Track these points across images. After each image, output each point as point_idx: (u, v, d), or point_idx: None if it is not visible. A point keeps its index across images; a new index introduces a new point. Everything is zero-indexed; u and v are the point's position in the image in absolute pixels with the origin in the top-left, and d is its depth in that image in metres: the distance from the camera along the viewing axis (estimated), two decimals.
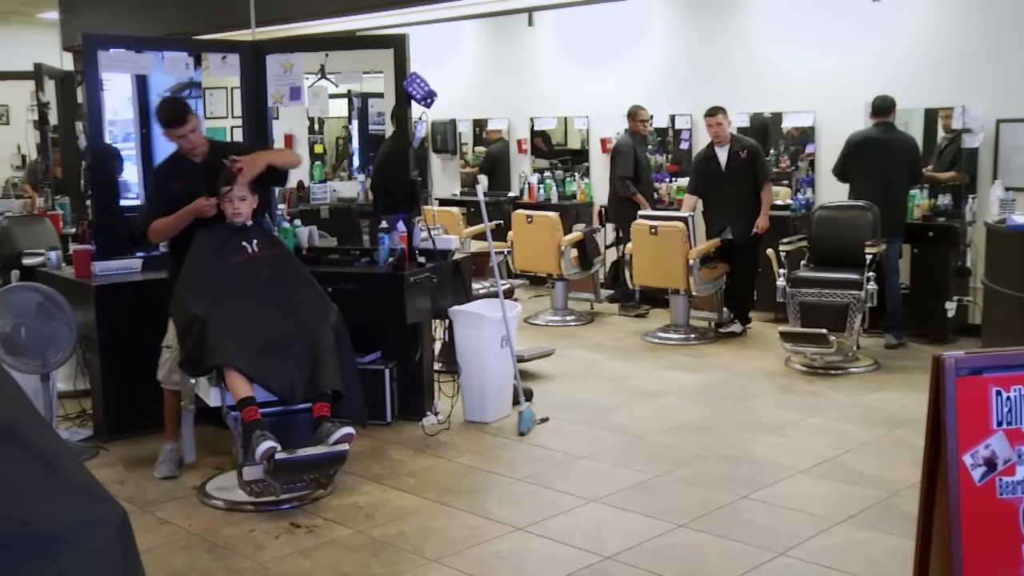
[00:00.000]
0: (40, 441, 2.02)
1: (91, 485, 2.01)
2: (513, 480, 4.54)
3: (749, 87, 8.15)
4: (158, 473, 4.61)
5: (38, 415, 2.15)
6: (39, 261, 5.55)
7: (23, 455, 1.95)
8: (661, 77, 8.88)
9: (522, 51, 10.04)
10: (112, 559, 1.90)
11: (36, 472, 1.94)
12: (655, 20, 8.98)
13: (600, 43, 9.30)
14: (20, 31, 12.45)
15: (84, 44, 5.15)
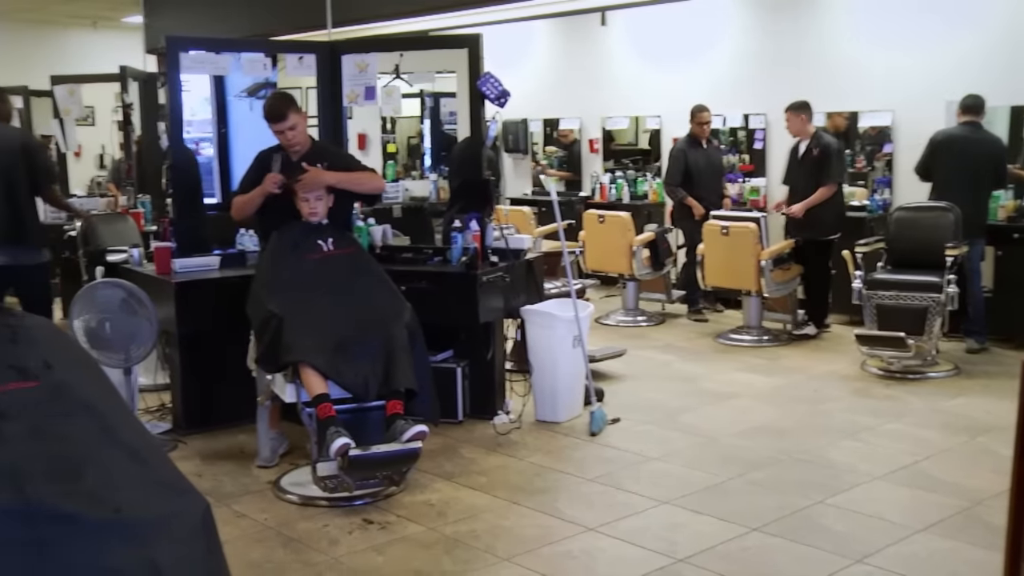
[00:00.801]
0: (129, 433, 2.08)
1: (176, 477, 2.06)
2: (584, 480, 4.53)
3: (825, 86, 8.00)
4: (257, 461, 4.72)
5: (127, 407, 2.22)
6: (122, 258, 5.68)
7: (114, 445, 2.01)
8: (735, 76, 8.78)
9: (594, 50, 10.01)
10: (196, 550, 1.95)
11: (126, 462, 2.00)
12: (729, 18, 8.89)
13: (673, 42, 9.23)
14: (106, 35, 12.78)
15: (167, 46, 5.26)
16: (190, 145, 5.97)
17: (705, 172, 8.11)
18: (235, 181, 6.65)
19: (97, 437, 2.01)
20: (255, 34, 8.29)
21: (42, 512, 1.83)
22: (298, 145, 4.66)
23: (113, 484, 1.94)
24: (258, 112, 6.77)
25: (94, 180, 11.40)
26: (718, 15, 8.91)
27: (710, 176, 8.15)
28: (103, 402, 2.10)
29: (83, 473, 1.93)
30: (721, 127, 8.85)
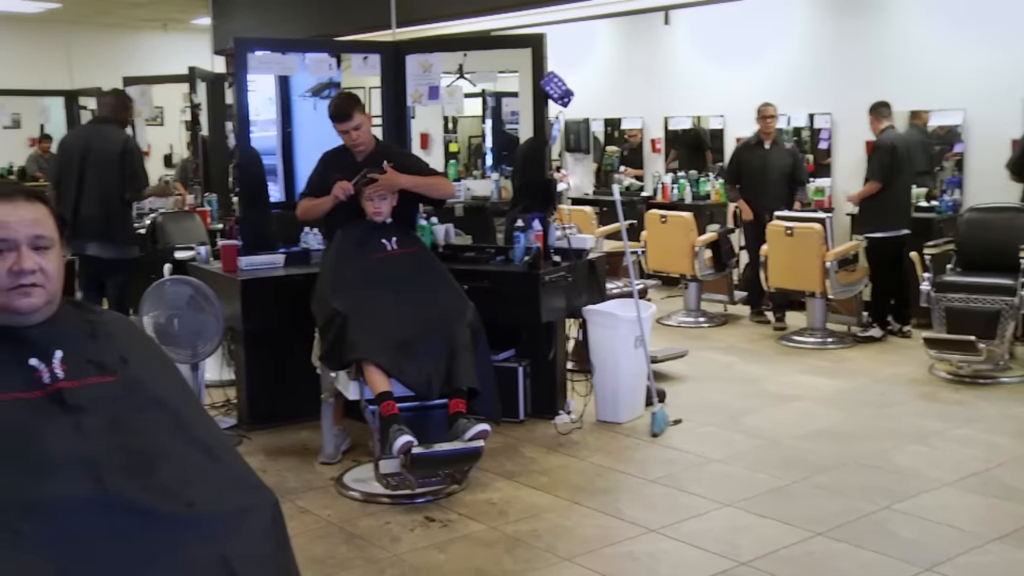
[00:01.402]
0: (201, 428, 2.11)
1: (246, 473, 2.09)
2: (645, 481, 4.51)
3: (892, 84, 7.86)
4: (320, 457, 4.77)
5: (199, 403, 2.26)
6: (190, 255, 5.78)
7: (187, 440, 2.04)
8: (799, 74, 8.67)
9: (657, 49, 9.96)
10: (266, 545, 1.97)
11: (198, 457, 2.03)
12: (794, 16, 8.79)
13: (738, 41, 9.14)
14: (176, 37, 13.04)
15: (235, 47, 5.34)
16: (269, 144, 6.11)
17: (758, 174, 7.83)
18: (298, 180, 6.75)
19: (171, 432, 2.05)
20: (319, 35, 8.38)
21: (119, 504, 1.87)
22: (362, 145, 4.70)
23: (186, 479, 1.97)
24: (322, 112, 6.84)
25: (162, 179, 11.61)
26: (783, 13, 8.81)
27: (763, 178, 7.81)
28: (176, 398, 2.14)
29: (157, 467, 1.96)
30: (785, 127, 8.74)
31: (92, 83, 10.11)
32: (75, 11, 11.32)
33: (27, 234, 2.01)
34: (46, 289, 2.03)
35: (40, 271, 2.01)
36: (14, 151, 11.33)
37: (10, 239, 1.99)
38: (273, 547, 1.98)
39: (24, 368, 1.99)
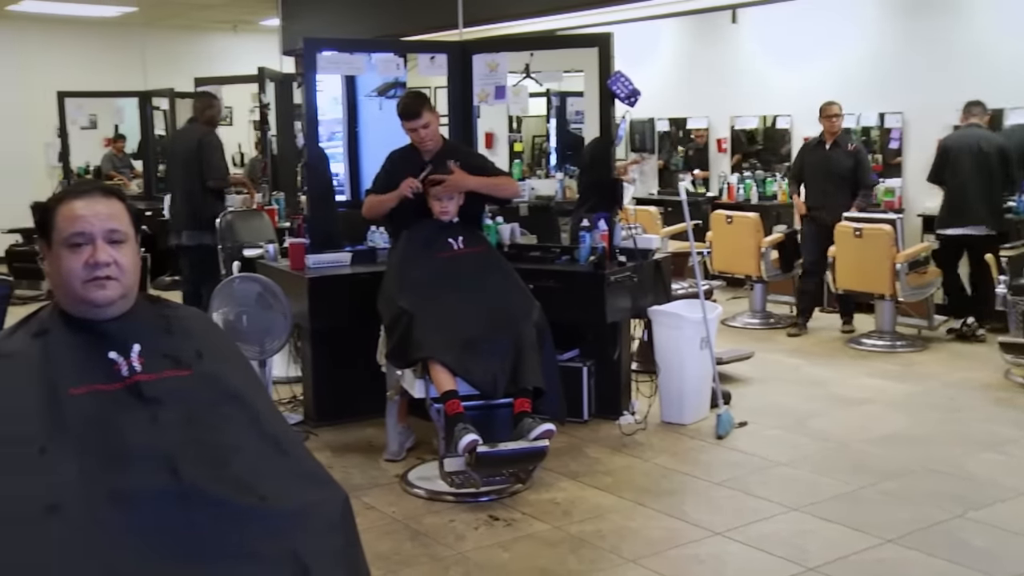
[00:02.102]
0: (272, 423, 2.14)
1: (316, 468, 2.11)
2: (711, 484, 4.47)
3: (966, 82, 7.69)
4: (385, 454, 4.80)
5: (270, 399, 2.29)
6: (258, 253, 5.85)
7: (260, 435, 2.07)
8: (870, 73, 8.53)
9: (724, 49, 9.87)
10: (336, 541, 1.99)
11: (269, 452, 2.06)
12: (865, 13, 8.64)
13: (807, 38, 9.02)
14: (244, 38, 13.24)
15: (304, 48, 5.40)
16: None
17: (815, 175, 7.63)
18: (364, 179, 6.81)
19: (243, 426, 2.08)
20: (386, 35, 8.43)
21: (194, 496, 1.90)
22: (430, 143, 4.73)
23: (258, 472, 2.00)
24: (387, 111, 6.90)
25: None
26: (853, 9, 8.68)
27: (823, 179, 7.56)
28: (249, 393, 2.17)
29: (230, 461, 1.99)
30: (854, 126, 8.61)
31: (165, 84, 10.33)
32: (150, 14, 11.55)
33: (102, 228, 2.06)
34: (120, 282, 2.08)
35: (115, 264, 2.06)
36: (91, 151, 11.60)
37: (86, 233, 2.04)
38: (343, 542, 2.00)
39: (104, 361, 2.04)
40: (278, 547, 1.90)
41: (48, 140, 11.76)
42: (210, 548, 1.86)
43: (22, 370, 1.97)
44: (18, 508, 1.78)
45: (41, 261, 2.21)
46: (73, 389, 1.97)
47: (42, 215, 2.11)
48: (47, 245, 2.09)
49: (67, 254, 2.04)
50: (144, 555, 1.81)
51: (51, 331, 2.06)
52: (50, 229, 2.07)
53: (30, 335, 2.06)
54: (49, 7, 11.67)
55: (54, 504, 1.80)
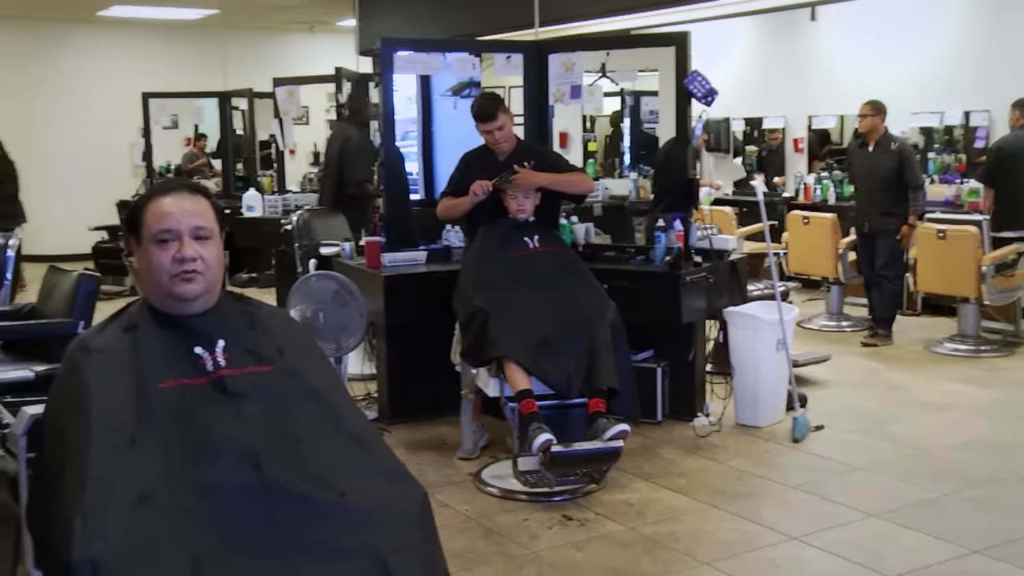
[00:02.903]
0: (352, 420, 2.16)
1: (395, 464, 2.13)
2: (787, 487, 4.40)
3: None
4: (459, 452, 4.82)
5: (349, 395, 2.31)
6: (334, 251, 5.92)
7: (339, 431, 2.10)
8: (954, 71, 8.34)
9: (802, 47, 9.73)
10: (414, 537, 2.01)
11: (349, 447, 2.08)
12: (950, 9, 8.44)
13: (889, 35, 8.84)
14: (321, 38, 13.43)
15: (381, 48, 5.45)
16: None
17: (861, 177, 7.45)
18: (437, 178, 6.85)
19: (324, 422, 2.11)
20: (461, 35, 8.47)
21: (277, 491, 1.93)
22: (505, 145, 4.74)
23: (338, 468, 2.03)
24: (462, 111, 6.92)
25: (306, 176, 11.98)
26: (937, 5, 8.48)
27: (865, 181, 7.35)
28: (329, 389, 2.20)
29: (311, 456, 2.03)
30: (937, 125, 8.42)
31: (244, 84, 10.51)
32: (230, 16, 11.78)
33: (189, 225, 2.11)
34: (205, 277, 2.12)
35: (200, 259, 2.11)
36: (172, 150, 11.86)
37: (173, 229, 2.09)
38: (421, 538, 2.02)
39: (190, 355, 2.09)
40: (358, 542, 1.93)
41: (132, 140, 12.05)
42: (291, 542, 1.89)
43: (114, 364, 2.03)
44: (112, 497, 1.83)
45: (125, 257, 2.28)
46: (161, 383, 2.02)
47: (131, 212, 2.17)
48: (136, 241, 2.15)
49: (155, 250, 2.10)
50: (229, 547, 1.86)
51: (140, 326, 2.12)
52: (139, 226, 2.12)
53: (120, 330, 2.12)
54: (137, 11, 12.00)
55: (144, 494, 1.85)
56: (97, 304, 4.50)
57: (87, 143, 12.47)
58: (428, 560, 2.01)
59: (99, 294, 4.53)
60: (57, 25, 12.55)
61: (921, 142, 8.82)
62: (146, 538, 1.80)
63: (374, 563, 1.91)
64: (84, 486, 1.83)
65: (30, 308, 4.61)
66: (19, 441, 2.29)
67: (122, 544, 1.78)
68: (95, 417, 1.94)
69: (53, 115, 12.42)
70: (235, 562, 1.84)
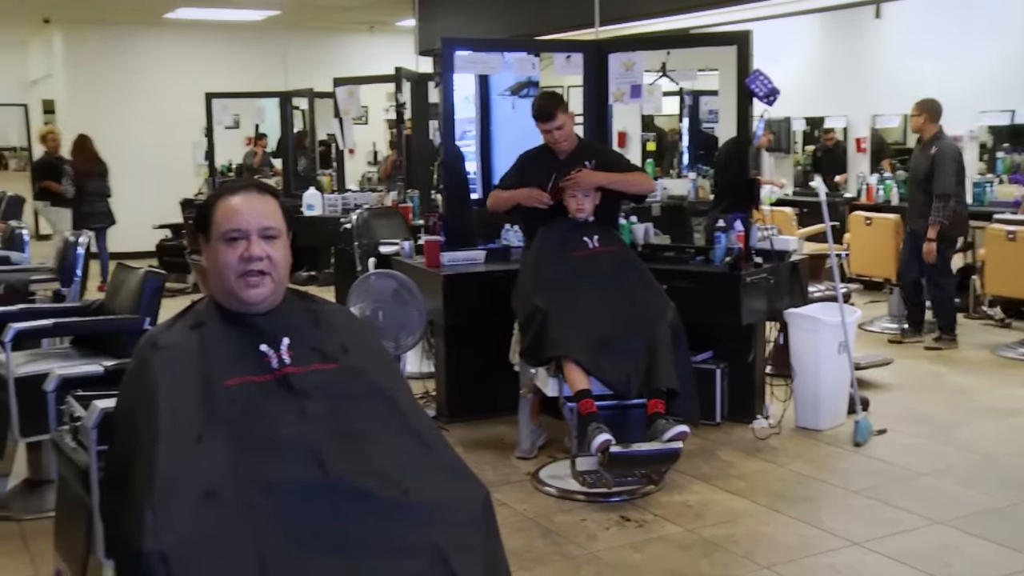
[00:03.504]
0: (414, 417, 2.18)
1: (457, 462, 2.14)
2: (848, 492, 4.34)
3: None
4: (517, 452, 4.82)
5: (411, 393, 2.33)
6: (394, 250, 5.96)
7: (402, 428, 2.11)
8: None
9: (866, 45, 9.59)
10: (476, 535, 2.02)
11: (412, 445, 2.10)
12: (1021, 4, 8.25)
13: (956, 33, 8.68)
14: (380, 39, 13.54)
15: (442, 47, 5.47)
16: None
17: (908, 179, 7.34)
18: (496, 178, 6.86)
19: (387, 420, 2.13)
20: (519, 34, 8.49)
21: (341, 488, 1.95)
22: (564, 144, 4.73)
23: (401, 466, 2.05)
24: (520, 110, 6.92)
25: (365, 176, 12.09)
26: (1007, 2, 8.29)
27: (909, 183, 7.27)
28: (391, 387, 2.22)
29: (375, 454, 2.04)
30: (1008, 123, 8.24)
31: (304, 84, 10.63)
32: (292, 17, 11.92)
33: (258, 225, 2.13)
34: (272, 276, 2.15)
35: (267, 259, 2.14)
36: (233, 149, 12.04)
37: (242, 228, 2.12)
38: (483, 537, 2.03)
39: (255, 353, 2.12)
40: (420, 539, 1.94)
41: (195, 139, 12.26)
42: (355, 539, 1.91)
43: (181, 361, 2.07)
44: (180, 492, 1.86)
45: (188, 255, 2.32)
46: (227, 380, 2.05)
47: (201, 210, 2.21)
48: (205, 239, 2.18)
49: (224, 248, 2.13)
50: (293, 543, 1.88)
51: (207, 323, 2.15)
52: (208, 224, 2.16)
53: (188, 327, 2.15)
54: (201, 13, 12.21)
55: (211, 490, 1.88)
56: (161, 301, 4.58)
57: (152, 143, 12.71)
58: (489, 559, 2.02)
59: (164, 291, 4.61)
60: (126, 28, 12.85)
61: (990, 141, 8.65)
62: (213, 533, 1.83)
63: (436, 561, 1.92)
64: (153, 481, 1.87)
65: (98, 304, 4.70)
66: (90, 434, 2.35)
67: (190, 538, 1.81)
68: (163, 413, 1.97)
69: (122, 115, 12.68)
70: (299, 558, 1.86)
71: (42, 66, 14.34)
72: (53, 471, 3.31)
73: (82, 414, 2.45)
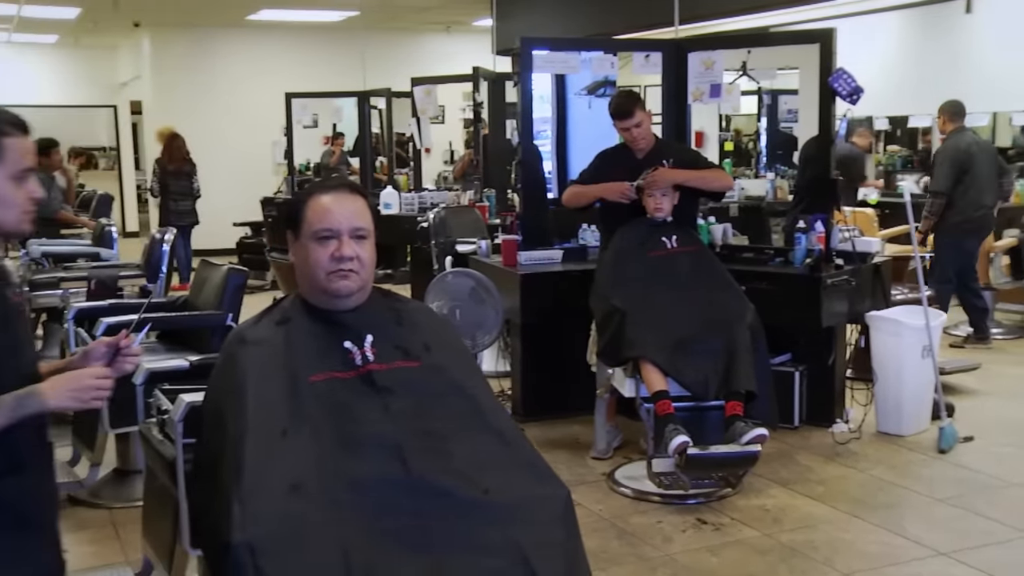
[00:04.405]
0: (495, 416, 2.19)
1: (538, 461, 2.15)
2: (933, 500, 4.24)
3: None
4: (592, 452, 4.81)
5: (492, 391, 2.33)
6: (471, 249, 5.99)
7: (483, 427, 2.12)
8: None
9: (955, 41, 9.34)
10: (557, 534, 2.02)
11: (493, 444, 2.11)
12: None
13: None
14: (457, 38, 13.61)
15: (521, 47, 5.48)
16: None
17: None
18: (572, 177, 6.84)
19: (468, 418, 2.14)
20: (596, 33, 8.46)
21: (423, 486, 1.97)
22: (642, 142, 4.71)
23: (482, 464, 2.05)
24: (596, 110, 6.89)
25: (440, 175, 12.16)
26: None
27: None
28: (472, 385, 2.23)
29: (456, 452, 2.05)
30: None
31: (382, 84, 10.74)
32: (370, 17, 12.05)
33: (349, 224, 2.16)
34: (360, 275, 2.18)
35: (357, 259, 2.16)
36: (311, 148, 12.21)
37: (334, 228, 2.15)
38: (564, 536, 2.03)
39: (340, 349, 2.15)
40: (501, 538, 1.95)
41: (275, 139, 12.46)
42: (438, 537, 1.93)
43: (268, 356, 2.10)
44: (266, 486, 1.89)
45: (268, 253, 2.36)
46: (312, 376, 2.09)
47: (292, 207, 2.24)
48: (294, 236, 2.22)
49: (314, 246, 2.16)
50: (376, 539, 1.90)
51: (293, 319, 2.19)
52: (299, 221, 2.19)
53: (274, 323, 2.19)
54: (282, 15, 12.42)
55: (297, 484, 1.91)
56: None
57: (233, 142, 12.96)
58: (571, 558, 2.02)
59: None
60: (210, 31, 13.16)
61: None
62: (299, 526, 1.86)
63: (516, 559, 1.93)
64: (241, 474, 1.91)
65: (183, 300, 4.81)
66: (176, 427, 2.40)
67: (277, 531, 1.84)
68: (250, 407, 2.01)
69: (205, 115, 12.96)
70: (382, 554, 1.88)
71: (131, 68, 14.73)
72: (141, 461, 3.39)
73: (169, 407, 2.50)
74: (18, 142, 1.97)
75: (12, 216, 1.98)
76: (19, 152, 1.97)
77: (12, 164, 1.96)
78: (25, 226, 2.03)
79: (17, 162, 1.97)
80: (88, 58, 15.52)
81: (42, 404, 1.93)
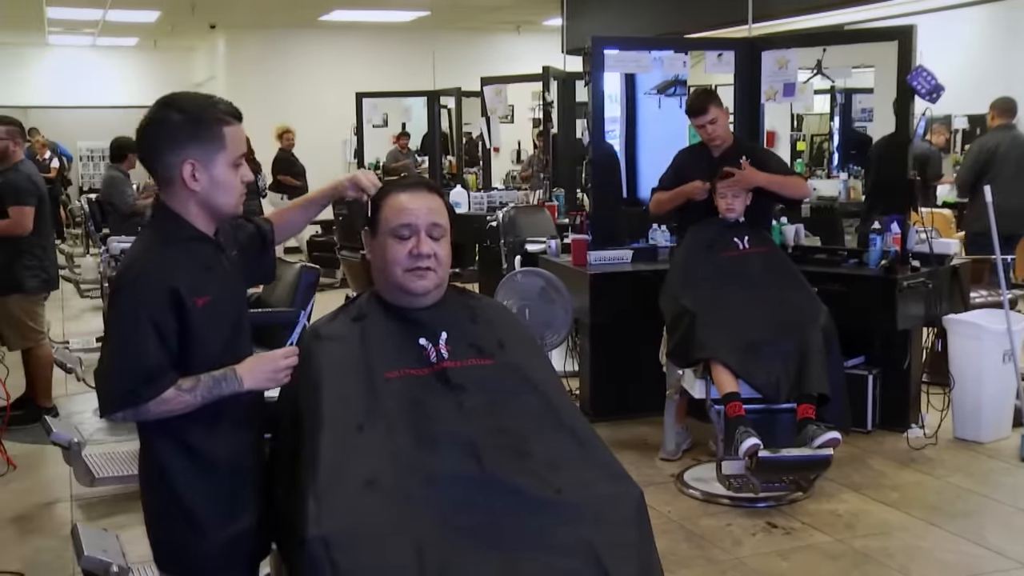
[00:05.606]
0: (568, 414, 2.19)
1: (611, 460, 2.15)
2: (1015, 509, 4.13)
3: None
4: (661, 453, 4.79)
5: (565, 390, 2.34)
6: (540, 248, 5.99)
7: (557, 425, 2.12)
8: None
9: None
10: (629, 535, 2.01)
11: (566, 442, 2.11)
12: None
13: None
14: (527, 38, 13.64)
15: (592, 46, 5.46)
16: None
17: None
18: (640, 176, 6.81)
19: (542, 416, 2.14)
20: (667, 32, 8.39)
21: (496, 485, 1.97)
22: (719, 140, 4.67)
23: (555, 463, 2.05)
24: (666, 109, 6.86)
25: (509, 174, 12.18)
26: None
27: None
28: (545, 383, 2.23)
29: (529, 450, 2.06)
30: None
31: (451, 84, 10.79)
32: (441, 17, 12.14)
33: (427, 222, 2.18)
34: (437, 273, 2.20)
35: (434, 256, 2.18)
36: (380, 147, 12.32)
37: (412, 225, 2.18)
38: (637, 537, 2.02)
39: (415, 346, 2.17)
40: (573, 537, 1.94)
41: (345, 137, 12.60)
42: (511, 535, 1.93)
43: (344, 352, 2.13)
44: (342, 481, 1.92)
45: (338, 251, 2.40)
46: (387, 373, 2.11)
47: (370, 204, 2.27)
48: (371, 233, 2.24)
49: (392, 243, 2.18)
50: (450, 535, 1.91)
51: (368, 316, 2.21)
52: (376, 219, 2.22)
53: (350, 319, 2.22)
54: (354, 15, 12.57)
55: (371, 479, 1.93)
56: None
57: (305, 141, 13.09)
58: (644, 559, 2.01)
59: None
60: (283, 31, 13.38)
61: None
62: (373, 521, 1.88)
63: (589, 560, 1.92)
64: (316, 468, 1.93)
65: (256, 297, 4.89)
66: None
67: (351, 526, 1.86)
68: (326, 403, 2.04)
69: (278, 115, 13.11)
70: (456, 550, 1.89)
71: (206, 69, 15.04)
72: None
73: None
74: (235, 130, 2.12)
75: (232, 200, 2.13)
76: (237, 140, 2.11)
77: (232, 151, 2.10)
78: (240, 209, 2.18)
79: (236, 149, 2.11)
80: (165, 60, 15.90)
81: (239, 386, 2.07)
